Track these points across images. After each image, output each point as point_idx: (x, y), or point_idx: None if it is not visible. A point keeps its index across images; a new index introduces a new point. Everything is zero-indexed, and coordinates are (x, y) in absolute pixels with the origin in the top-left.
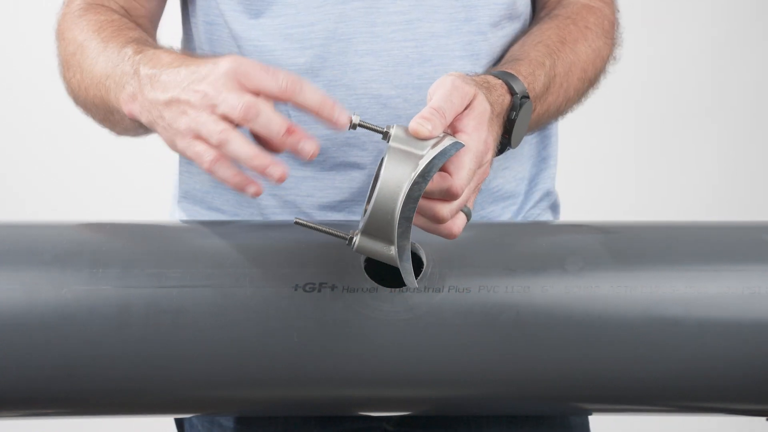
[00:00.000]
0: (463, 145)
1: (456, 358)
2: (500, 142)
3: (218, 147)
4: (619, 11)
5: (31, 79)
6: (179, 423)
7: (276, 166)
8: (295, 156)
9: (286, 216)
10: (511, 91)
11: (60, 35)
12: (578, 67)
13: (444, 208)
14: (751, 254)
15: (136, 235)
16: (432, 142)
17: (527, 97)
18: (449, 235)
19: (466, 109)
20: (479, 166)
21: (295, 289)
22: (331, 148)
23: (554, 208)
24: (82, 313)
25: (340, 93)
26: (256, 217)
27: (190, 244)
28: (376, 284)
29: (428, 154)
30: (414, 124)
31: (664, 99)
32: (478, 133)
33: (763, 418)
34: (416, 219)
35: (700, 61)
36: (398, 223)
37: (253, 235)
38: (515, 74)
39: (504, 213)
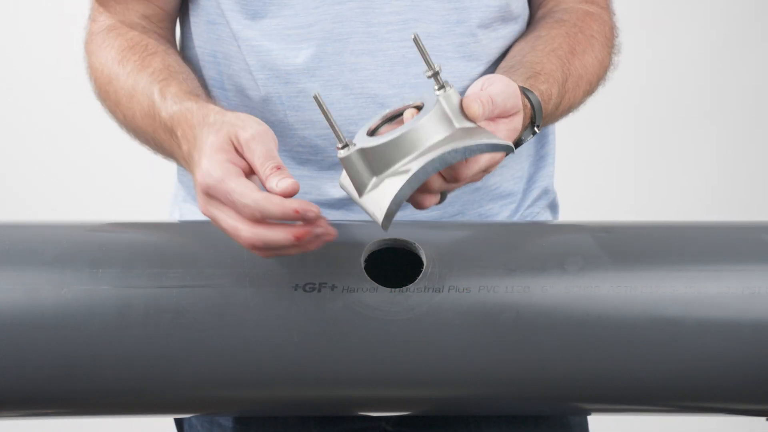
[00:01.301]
0: (513, 151)
1: (456, 358)
2: None
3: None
4: (615, 14)
5: (31, 79)
6: (179, 423)
7: (319, 224)
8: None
9: None
10: (532, 119)
11: (89, 58)
12: (585, 80)
13: (438, 182)
14: (751, 254)
15: (136, 235)
16: (470, 123)
17: (539, 125)
18: (420, 205)
19: (506, 117)
20: (485, 171)
21: (295, 289)
22: (329, 147)
23: (553, 207)
24: (82, 313)
25: (337, 92)
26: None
27: (190, 244)
28: (376, 284)
29: (483, 136)
30: (470, 101)
31: (664, 100)
32: (500, 154)
33: (763, 418)
34: None
35: (699, 62)
36: (415, 174)
37: None
38: (537, 96)
39: (502, 211)
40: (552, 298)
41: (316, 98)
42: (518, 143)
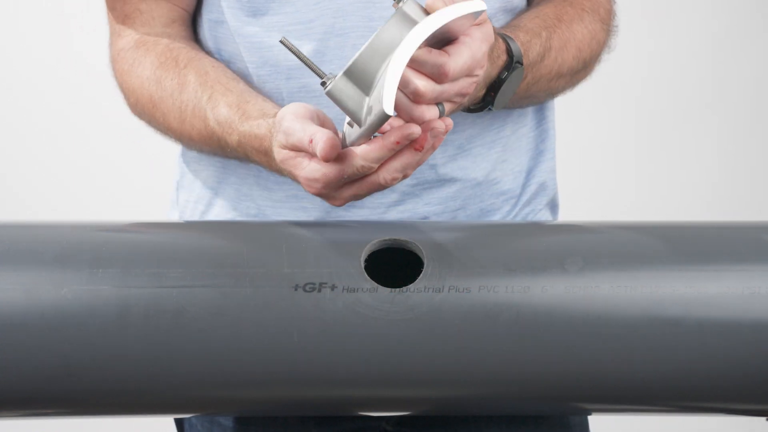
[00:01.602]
0: (484, 10)
1: (456, 358)
2: (483, 99)
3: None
4: (616, 2)
5: (31, 79)
6: (179, 423)
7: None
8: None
9: (285, 209)
10: (509, 53)
11: (120, 78)
12: (573, 45)
13: (428, 85)
14: (751, 254)
15: (136, 235)
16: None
17: (521, 62)
18: (419, 118)
19: (475, 25)
20: (471, 72)
21: (295, 289)
22: None
23: (553, 206)
24: (82, 313)
25: None
26: (253, 211)
27: (190, 244)
28: (376, 284)
29: (444, 9)
30: (433, 1)
31: (664, 95)
32: (480, 44)
33: (763, 418)
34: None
35: (701, 55)
36: (396, 56)
37: (253, 235)
38: (514, 38)
39: (503, 206)
40: (552, 298)
41: (283, 42)
42: (500, 81)
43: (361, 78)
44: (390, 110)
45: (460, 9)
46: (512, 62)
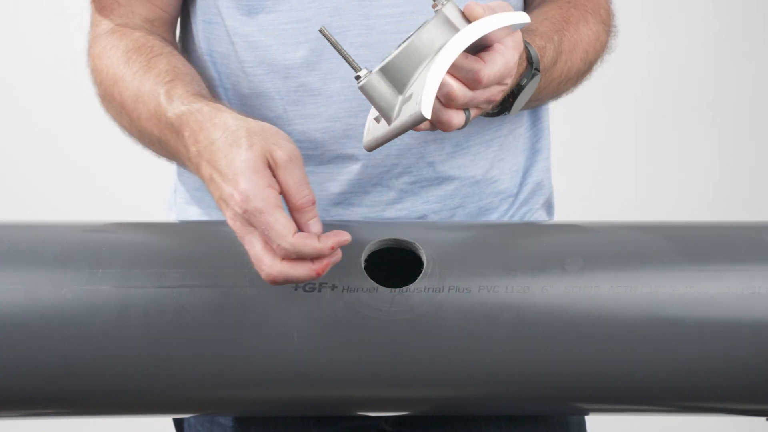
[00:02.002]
0: (528, 22)
1: (456, 358)
2: (501, 104)
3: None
4: (612, 2)
5: (31, 79)
6: (178, 423)
7: (337, 253)
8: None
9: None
10: (528, 59)
11: (92, 62)
12: (581, 47)
13: (461, 90)
14: (751, 254)
15: (136, 235)
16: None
17: (539, 69)
18: (447, 123)
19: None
20: (502, 80)
21: (295, 289)
22: (328, 141)
23: (548, 206)
24: (82, 313)
25: (336, 85)
26: None
27: (190, 244)
28: (376, 284)
29: (488, 17)
30: (472, 6)
31: (665, 94)
32: (513, 52)
33: (763, 418)
34: None
35: (701, 55)
36: (438, 62)
37: None
38: (531, 44)
39: (501, 205)
40: (552, 298)
41: (322, 31)
42: (519, 88)
43: (396, 77)
44: (428, 113)
45: (505, 19)
46: (532, 68)
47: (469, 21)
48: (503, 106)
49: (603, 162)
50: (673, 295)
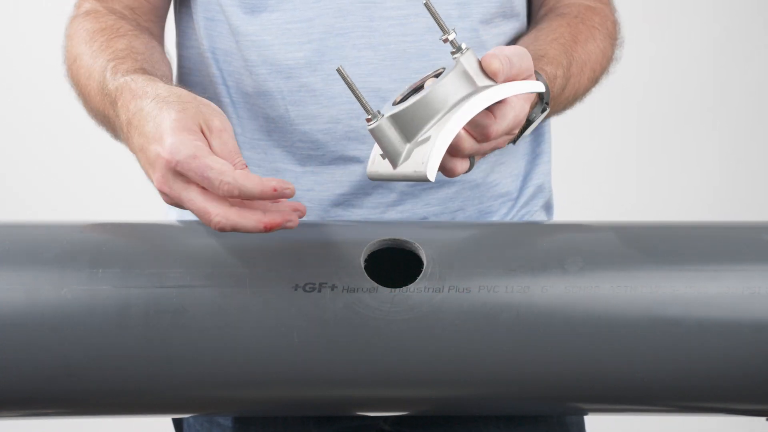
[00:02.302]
0: (543, 89)
1: (456, 358)
2: None
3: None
4: (617, 11)
5: (31, 79)
6: (177, 423)
7: (290, 217)
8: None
9: None
10: (540, 97)
11: (66, 39)
12: (589, 66)
13: (469, 142)
14: (751, 254)
15: (136, 235)
16: (491, 82)
17: (548, 103)
18: (451, 171)
19: (522, 79)
20: (510, 131)
21: (295, 289)
22: (330, 142)
23: (548, 208)
24: (82, 313)
25: (339, 87)
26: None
27: (190, 244)
28: (376, 284)
29: (505, 83)
30: (490, 58)
31: (665, 98)
32: (524, 103)
33: (763, 418)
34: None
35: (701, 58)
36: (451, 124)
37: (253, 235)
38: (542, 75)
39: (501, 208)
40: (552, 298)
41: (339, 71)
42: (529, 122)
43: (407, 126)
44: (432, 178)
45: (520, 88)
46: (542, 103)
47: (486, 74)
48: None
49: (603, 164)
50: (673, 295)
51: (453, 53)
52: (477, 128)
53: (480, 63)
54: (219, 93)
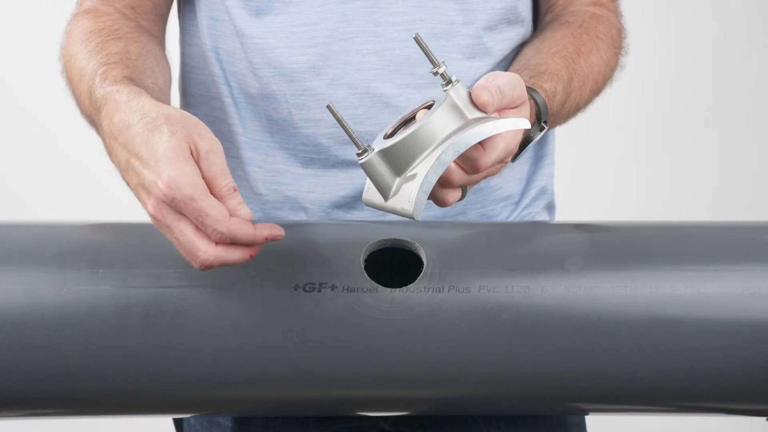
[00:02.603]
0: (529, 126)
1: (456, 358)
2: None
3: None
4: (623, 16)
5: (31, 78)
6: (178, 423)
7: (273, 231)
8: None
9: (285, 211)
10: (537, 114)
11: (65, 37)
12: (591, 79)
13: (459, 174)
14: (751, 254)
15: (136, 235)
16: (481, 113)
17: (546, 122)
18: (443, 202)
19: (514, 108)
20: (501, 160)
21: (295, 289)
22: (333, 146)
23: (550, 208)
24: (82, 313)
25: (342, 92)
26: (257, 213)
27: None
28: (376, 284)
29: (494, 119)
30: (479, 91)
31: (665, 99)
32: (515, 133)
33: (763, 418)
34: None
35: (701, 59)
36: (435, 163)
37: None
38: (541, 92)
39: (503, 212)
40: (552, 298)
41: (329, 108)
42: (527, 141)
43: (396, 161)
44: (418, 218)
45: (505, 125)
46: (540, 122)
47: (476, 106)
48: None
49: (603, 164)
50: (673, 295)
51: (443, 86)
52: (466, 161)
53: (470, 95)
54: (221, 93)
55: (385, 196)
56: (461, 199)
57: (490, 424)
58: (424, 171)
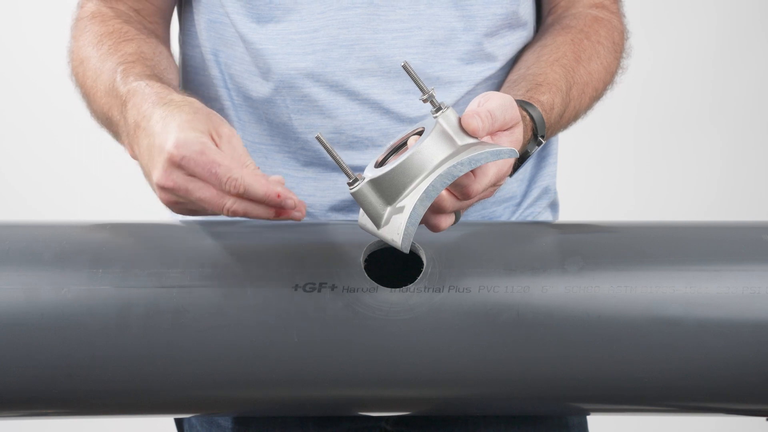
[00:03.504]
0: (518, 155)
1: (456, 358)
2: None
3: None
4: (625, 17)
5: (32, 77)
6: (179, 423)
7: (299, 210)
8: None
9: None
10: (533, 130)
11: (72, 41)
12: (591, 87)
13: (450, 201)
14: (751, 254)
15: (136, 235)
16: (472, 139)
17: (543, 136)
18: (435, 227)
19: (507, 129)
20: (494, 184)
21: (295, 289)
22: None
23: (553, 206)
24: (82, 313)
25: (342, 98)
26: None
27: (190, 244)
28: (376, 284)
29: (485, 145)
30: (468, 118)
31: (665, 99)
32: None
33: (763, 418)
34: None
35: (701, 60)
36: (426, 191)
37: (253, 235)
38: (539, 108)
39: (504, 213)
40: (552, 298)
41: (318, 138)
42: (525, 156)
43: (386, 190)
44: (406, 250)
45: (493, 157)
46: (536, 138)
47: (465, 131)
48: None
49: (603, 168)
50: (673, 295)
51: (433, 113)
52: (457, 188)
53: (460, 120)
54: (220, 95)
55: (377, 225)
56: (455, 223)
57: (490, 424)
58: (411, 203)
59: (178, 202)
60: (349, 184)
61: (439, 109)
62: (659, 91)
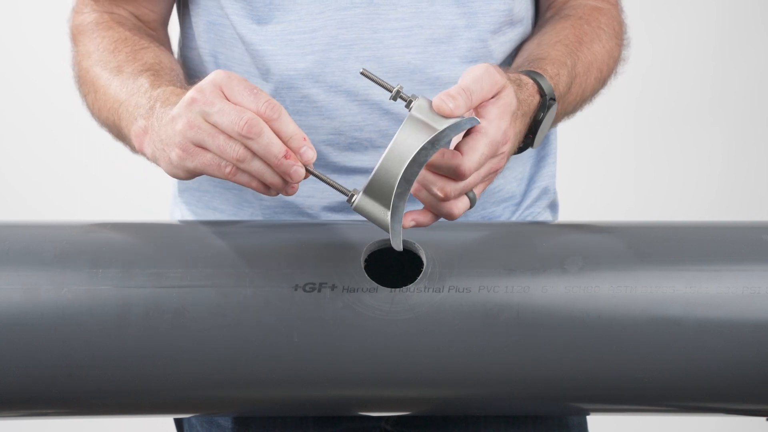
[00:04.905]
0: (479, 122)
1: (456, 358)
2: (523, 142)
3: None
4: (624, 11)
5: (32, 77)
6: (178, 423)
7: (298, 167)
8: (286, 178)
9: (286, 216)
10: (541, 92)
11: (75, 46)
12: (595, 67)
13: (449, 186)
14: (751, 254)
15: (136, 235)
16: (453, 120)
17: (554, 98)
18: (449, 215)
19: (493, 97)
20: (493, 155)
21: (295, 289)
22: (333, 153)
23: (553, 206)
24: (82, 313)
25: (341, 98)
26: (257, 217)
27: (190, 244)
28: (376, 284)
29: (443, 124)
30: (437, 100)
31: (665, 98)
32: (499, 122)
33: (763, 418)
34: (421, 193)
35: (701, 58)
36: (398, 184)
37: (253, 235)
38: (543, 74)
39: (504, 213)
40: (552, 298)
41: (307, 168)
42: (538, 121)
43: (380, 193)
44: (399, 247)
45: (450, 131)
46: (546, 101)
47: (440, 115)
48: (525, 142)
49: (602, 167)
50: (673, 295)
51: (406, 107)
52: (449, 171)
53: (430, 104)
54: None
55: (387, 229)
56: (471, 206)
57: (490, 424)
58: (390, 200)
59: (193, 133)
60: (348, 201)
61: (410, 102)
62: (658, 87)
